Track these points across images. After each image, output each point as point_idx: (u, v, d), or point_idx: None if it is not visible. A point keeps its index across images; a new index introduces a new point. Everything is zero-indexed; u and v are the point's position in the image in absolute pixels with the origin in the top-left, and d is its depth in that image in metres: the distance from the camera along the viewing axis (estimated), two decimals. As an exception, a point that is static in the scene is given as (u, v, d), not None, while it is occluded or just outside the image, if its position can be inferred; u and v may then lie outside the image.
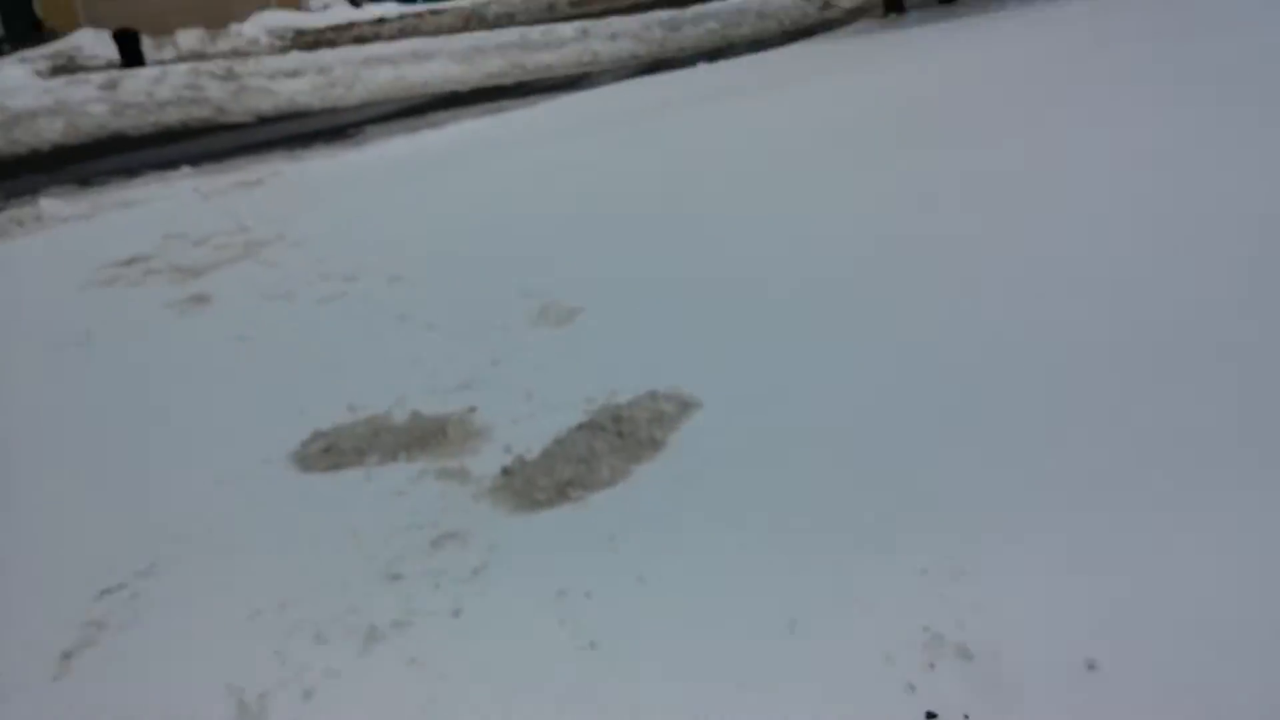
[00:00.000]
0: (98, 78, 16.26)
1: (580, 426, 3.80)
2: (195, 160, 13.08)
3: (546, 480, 3.39)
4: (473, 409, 4.21)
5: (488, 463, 3.74)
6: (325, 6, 30.37)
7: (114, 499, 3.97)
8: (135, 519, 3.73)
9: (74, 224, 10.50)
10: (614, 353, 4.64)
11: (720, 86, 13.11)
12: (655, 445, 3.64)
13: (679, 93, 13.13)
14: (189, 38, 24.63)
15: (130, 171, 12.76)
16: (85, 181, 12.42)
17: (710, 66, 16.16)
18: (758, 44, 19.69)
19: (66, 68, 21.97)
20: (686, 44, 20.40)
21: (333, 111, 16.18)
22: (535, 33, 20.15)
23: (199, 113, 15.55)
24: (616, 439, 3.60)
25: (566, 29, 20.55)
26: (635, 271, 5.79)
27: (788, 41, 19.08)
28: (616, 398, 4.05)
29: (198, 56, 22.35)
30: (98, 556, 3.49)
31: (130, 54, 21.86)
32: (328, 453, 3.97)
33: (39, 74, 19.91)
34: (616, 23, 20.94)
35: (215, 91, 16.01)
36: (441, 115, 15.25)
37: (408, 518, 3.46)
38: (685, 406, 3.90)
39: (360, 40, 23.40)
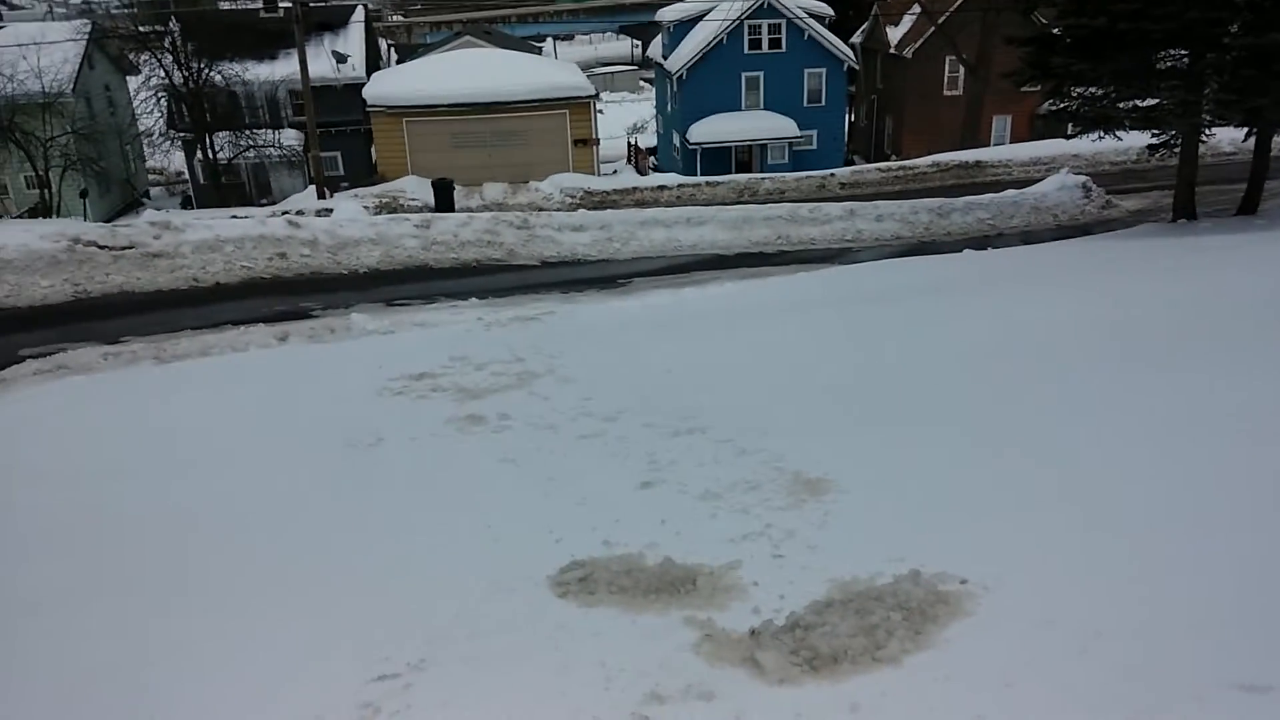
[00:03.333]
0: (415, 217, 18.54)
1: (829, 605, 3.76)
2: (483, 294, 14.48)
3: (795, 651, 3.37)
4: (722, 566, 4.30)
5: (735, 620, 3.80)
6: (614, 172, 33.22)
7: (395, 592, 4.35)
8: (411, 613, 4.07)
9: (376, 337, 11.89)
10: (867, 529, 4.61)
11: (980, 275, 13.01)
12: (913, 640, 3.51)
13: (924, 279, 13.09)
14: (494, 190, 27.70)
15: (427, 298, 14.29)
16: (390, 302, 14.03)
17: (976, 254, 16.07)
18: (1029, 237, 19.36)
19: (390, 206, 25.24)
20: (954, 230, 20.41)
21: (607, 262, 17.47)
22: (804, 209, 20.92)
23: (493, 254, 17.30)
24: (864, 623, 3.52)
25: (834, 208, 21.18)
26: (886, 456, 5.76)
27: (1060, 237, 18.60)
28: (872, 580, 4.00)
29: (499, 207, 25.01)
30: (378, 644, 3.82)
31: (443, 200, 24.97)
32: (584, 582, 4.17)
33: (367, 209, 22.97)
34: (884, 206, 21.36)
35: (509, 237, 17.76)
36: (705, 275, 16.05)
37: (655, 663, 3.54)
38: (945, 600, 3.77)
39: (641, 204, 25.30)
